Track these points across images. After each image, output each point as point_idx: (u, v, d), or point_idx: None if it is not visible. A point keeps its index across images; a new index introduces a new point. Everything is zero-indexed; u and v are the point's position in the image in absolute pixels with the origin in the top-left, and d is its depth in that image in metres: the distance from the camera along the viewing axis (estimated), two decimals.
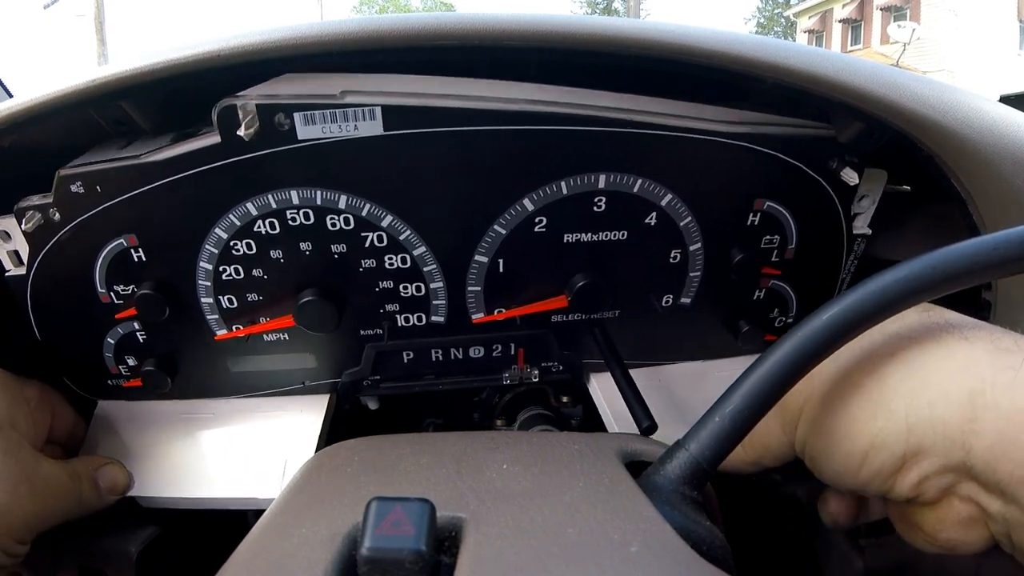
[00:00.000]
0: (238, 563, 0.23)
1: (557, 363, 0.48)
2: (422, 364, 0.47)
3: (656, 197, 0.41)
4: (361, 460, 0.29)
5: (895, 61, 7.76)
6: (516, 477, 0.26)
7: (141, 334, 0.44)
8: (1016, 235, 0.25)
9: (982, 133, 0.34)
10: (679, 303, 0.46)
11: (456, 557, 0.21)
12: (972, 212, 0.36)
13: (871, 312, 0.25)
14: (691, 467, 0.26)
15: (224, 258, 0.40)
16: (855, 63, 0.35)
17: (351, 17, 0.35)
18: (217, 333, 0.43)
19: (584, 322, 0.46)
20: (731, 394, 0.26)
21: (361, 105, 0.35)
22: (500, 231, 0.41)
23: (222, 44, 0.33)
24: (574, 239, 0.42)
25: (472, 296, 0.44)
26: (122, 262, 0.40)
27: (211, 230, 0.39)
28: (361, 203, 0.39)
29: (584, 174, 0.39)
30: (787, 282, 0.47)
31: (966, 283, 0.25)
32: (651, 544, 0.21)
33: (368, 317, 0.44)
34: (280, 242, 0.40)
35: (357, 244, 0.40)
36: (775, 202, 0.42)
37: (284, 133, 0.36)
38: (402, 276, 0.42)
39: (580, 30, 0.34)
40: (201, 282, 0.41)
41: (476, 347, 0.47)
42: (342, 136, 0.36)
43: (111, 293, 0.41)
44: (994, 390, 0.23)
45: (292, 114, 0.35)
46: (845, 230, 0.45)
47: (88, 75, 0.34)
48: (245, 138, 0.35)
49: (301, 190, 0.38)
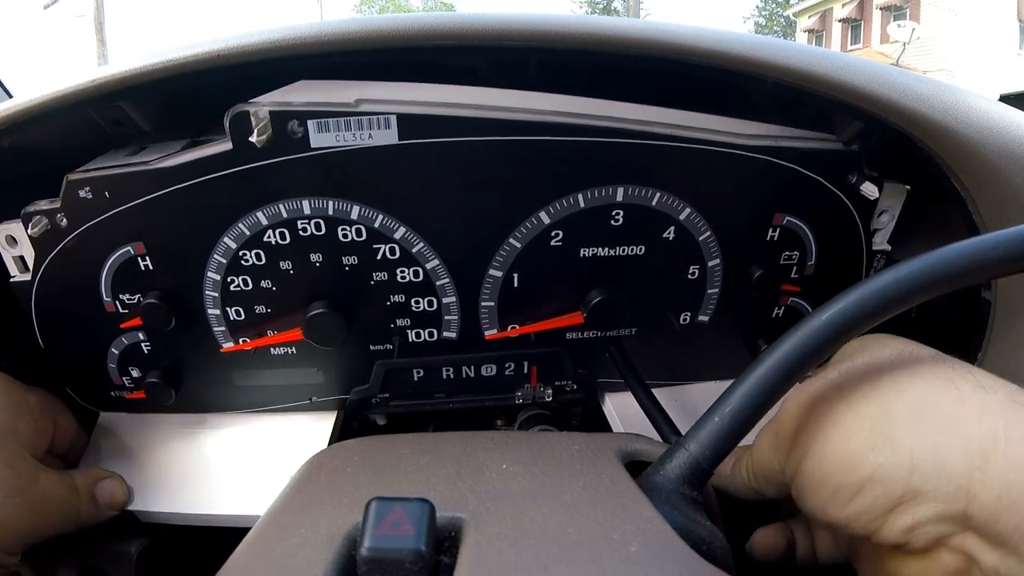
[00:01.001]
0: (238, 563, 0.23)
1: (571, 382, 0.47)
2: (432, 382, 0.46)
3: (675, 211, 0.40)
4: (361, 460, 0.29)
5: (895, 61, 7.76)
6: (516, 477, 0.26)
7: (146, 345, 0.43)
8: (1016, 234, 0.24)
9: (982, 133, 0.34)
10: (697, 321, 0.46)
11: (456, 557, 0.21)
12: (972, 211, 0.36)
13: (871, 312, 0.25)
14: (691, 467, 0.26)
15: (232, 268, 0.39)
16: (855, 62, 0.35)
17: (351, 17, 0.34)
18: (223, 346, 0.43)
19: (599, 339, 0.45)
20: (731, 394, 0.26)
21: (376, 113, 0.35)
22: (515, 244, 0.40)
23: (222, 44, 0.33)
24: (590, 254, 0.41)
25: (485, 312, 0.42)
26: (129, 270, 0.40)
27: (220, 239, 0.38)
28: (374, 214, 0.38)
29: (602, 187, 0.38)
30: (806, 299, 0.46)
31: (966, 282, 0.25)
32: (651, 544, 0.21)
33: (378, 332, 0.43)
34: (290, 253, 0.39)
35: (369, 256, 0.39)
36: (795, 217, 0.42)
37: (297, 141, 0.35)
38: (414, 290, 0.41)
39: (580, 30, 0.34)
40: (208, 293, 0.40)
41: (488, 365, 0.45)
42: (356, 145, 0.35)
43: (116, 302, 0.41)
44: (1007, 442, 0.22)
45: (306, 121, 0.35)
46: (865, 246, 0.44)
47: (88, 75, 0.34)
48: (257, 145, 0.35)
49: (313, 200, 0.37)
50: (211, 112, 0.36)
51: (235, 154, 0.36)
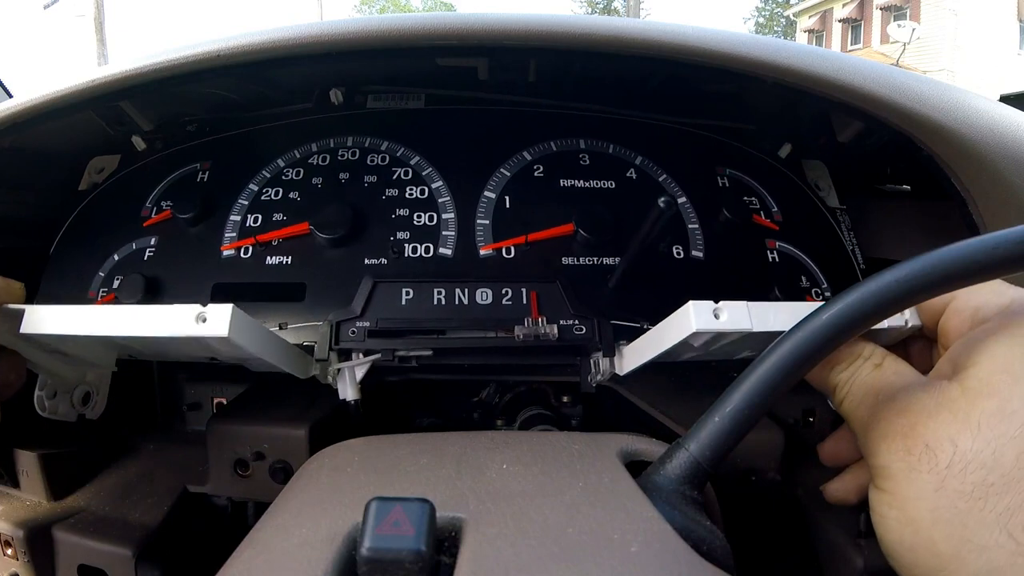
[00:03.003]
0: (238, 563, 0.23)
1: (576, 320, 0.43)
2: (422, 308, 0.42)
3: (629, 158, 0.51)
4: (361, 460, 0.29)
5: (895, 61, 7.76)
6: (516, 477, 0.26)
7: (151, 250, 0.45)
8: (1015, 235, 0.24)
9: (982, 133, 0.34)
10: (692, 256, 0.47)
11: (456, 557, 0.21)
12: (972, 211, 0.36)
13: (871, 311, 0.25)
14: (691, 467, 0.26)
15: (272, 182, 0.48)
16: (855, 62, 0.35)
17: (352, 17, 0.35)
18: (224, 244, 0.45)
19: (596, 268, 0.45)
20: (731, 394, 0.26)
21: (411, 91, 0.53)
22: (505, 173, 0.49)
23: (222, 44, 0.33)
24: (569, 184, 0.49)
25: (480, 229, 0.46)
26: (182, 182, 0.48)
27: (274, 161, 0.49)
28: (398, 146, 0.50)
29: (568, 137, 0.52)
30: (793, 244, 0.48)
31: (966, 282, 0.25)
32: (651, 544, 0.21)
33: (377, 243, 0.45)
34: (325, 172, 0.48)
35: (387, 176, 0.48)
36: (735, 169, 0.51)
37: (358, 104, 0.52)
38: (418, 205, 0.47)
39: (581, 29, 0.34)
40: (241, 201, 0.47)
41: (483, 290, 0.43)
42: (395, 107, 0.53)
43: (155, 207, 0.47)
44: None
45: (367, 94, 0.53)
46: (817, 200, 0.51)
47: (88, 75, 0.34)
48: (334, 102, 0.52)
49: (356, 137, 0.50)
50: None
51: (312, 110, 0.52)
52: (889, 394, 0.27)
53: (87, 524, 0.41)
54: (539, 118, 0.52)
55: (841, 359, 0.30)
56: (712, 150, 0.53)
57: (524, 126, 0.52)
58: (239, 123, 0.52)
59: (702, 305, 0.31)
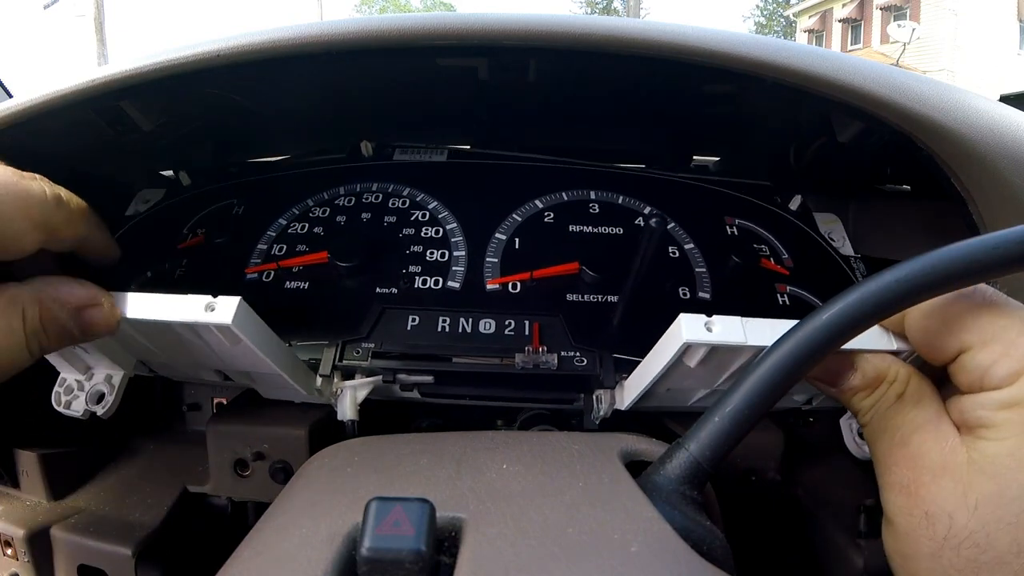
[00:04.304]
0: (238, 563, 0.23)
1: (578, 353, 0.44)
2: (426, 334, 0.44)
3: (639, 208, 0.53)
4: (361, 460, 0.29)
5: (895, 61, 7.76)
6: (516, 477, 0.26)
7: (180, 270, 0.48)
8: (1015, 235, 0.24)
9: (982, 133, 0.34)
10: (698, 297, 0.47)
11: (456, 557, 0.21)
12: (972, 211, 0.36)
13: (871, 311, 0.25)
14: (691, 467, 0.26)
15: (299, 217, 0.52)
16: (855, 62, 0.35)
17: (352, 17, 0.35)
18: (248, 267, 0.47)
19: (600, 305, 0.45)
20: (731, 394, 0.26)
21: (434, 148, 0.59)
22: (516, 218, 0.52)
23: (222, 44, 0.33)
24: (578, 230, 0.51)
25: (489, 266, 0.48)
26: (218, 213, 0.52)
27: (304, 201, 0.53)
28: (419, 192, 0.54)
29: (579, 188, 0.54)
30: (805, 289, 0.48)
31: (965, 283, 0.25)
32: (651, 544, 0.21)
33: (390, 275, 0.47)
34: (349, 211, 0.52)
35: (405, 218, 0.52)
36: (744, 220, 0.52)
37: (385, 155, 0.58)
38: (432, 243, 0.50)
39: (580, 29, 0.34)
40: (269, 232, 0.50)
41: (487, 320, 0.45)
42: (419, 160, 0.58)
43: (192, 232, 0.50)
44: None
45: (395, 149, 0.58)
46: (831, 250, 0.51)
47: (88, 75, 0.34)
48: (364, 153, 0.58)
49: (380, 183, 0.55)
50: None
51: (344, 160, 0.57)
52: (904, 436, 0.28)
53: (87, 524, 0.41)
54: (553, 172, 0.56)
55: (866, 382, 0.29)
56: (721, 202, 0.55)
57: (538, 179, 0.55)
58: (277, 168, 0.59)
59: (693, 317, 0.31)
